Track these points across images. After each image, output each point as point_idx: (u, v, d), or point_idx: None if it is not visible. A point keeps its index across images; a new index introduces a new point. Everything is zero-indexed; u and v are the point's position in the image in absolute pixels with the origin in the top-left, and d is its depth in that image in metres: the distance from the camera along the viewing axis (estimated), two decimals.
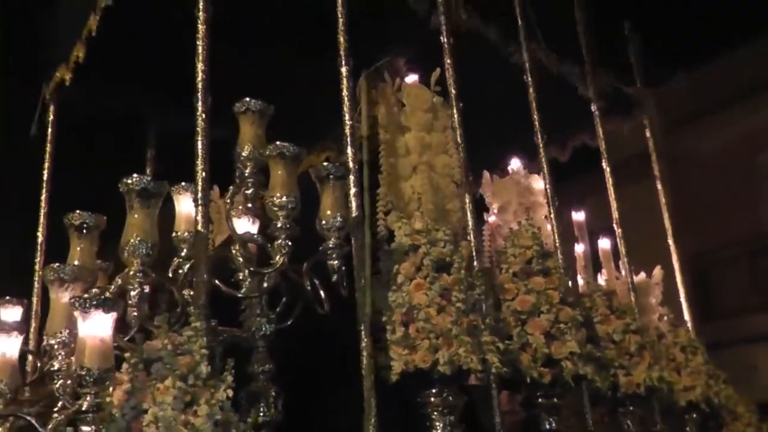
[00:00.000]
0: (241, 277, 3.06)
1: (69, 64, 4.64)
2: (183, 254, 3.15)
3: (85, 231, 2.83)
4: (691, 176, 5.77)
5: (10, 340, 2.62)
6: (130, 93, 5.17)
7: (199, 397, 2.24)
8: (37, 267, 4.76)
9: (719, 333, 5.58)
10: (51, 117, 4.98)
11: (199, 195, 2.72)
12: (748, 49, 10.62)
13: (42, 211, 4.85)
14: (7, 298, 4.10)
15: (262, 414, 2.81)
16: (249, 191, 2.96)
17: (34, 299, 4.65)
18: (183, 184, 3.25)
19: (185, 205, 3.24)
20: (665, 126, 5.85)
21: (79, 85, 4.95)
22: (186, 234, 3.18)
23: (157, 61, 4.86)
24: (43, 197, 4.88)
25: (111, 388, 2.23)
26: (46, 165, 4.93)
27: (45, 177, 4.90)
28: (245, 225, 3.18)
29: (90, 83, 5.00)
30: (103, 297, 2.17)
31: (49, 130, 4.97)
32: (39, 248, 4.80)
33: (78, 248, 2.83)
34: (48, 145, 4.94)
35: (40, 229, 4.82)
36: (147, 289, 2.71)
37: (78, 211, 2.84)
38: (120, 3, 3.99)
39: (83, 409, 2.10)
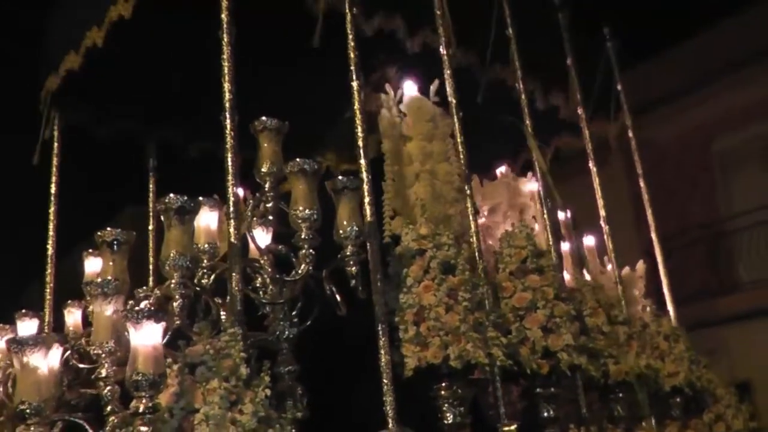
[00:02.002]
0: (258, 284, 3.28)
1: (59, 73, 4.77)
2: (204, 265, 3.34)
3: (116, 247, 3.02)
4: (648, 165, 6.08)
5: (53, 351, 2.80)
6: (132, 109, 5.38)
7: (243, 397, 2.46)
8: (48, 278, 4.93)
9: (681, 317, 5.89)
10: (56, 133, 5.14)
11: (231, 209, 2.92)
12: (697, 41, 11.09)
13: (51, 224, 5.02)
14: (24, 311, 4.32)
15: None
16: (269, 204, 3.16)
17: (46, 310, 4.83)
18: (201, 199, 3.44)
19: (204, 218, 3.42)
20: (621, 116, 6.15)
21: (81, 100, 5.14)
22: (206, 246, 3.37)
23: (158, 77, 5.07)
24: (51, 210, 5.05)
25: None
26: (53, 179, 5.10)
27: (53, 191, 5.07)
28: (261, 235, 3.40)
29: (91, 98, 5.19)
30: (153, 309, 2.38)
31: (55, 145, 5.14)
32: (49, 260, 4.97)
33: (110, 263, 3.02)
34: (54, 159, 5.11)
35: (50, 242, 5.00)
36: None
37: (109, 228, 3.03)
38: (129, 20, 4.14)
39: (140, 411, 2.31)
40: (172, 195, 2.76)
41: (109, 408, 2.56)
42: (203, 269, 3.31)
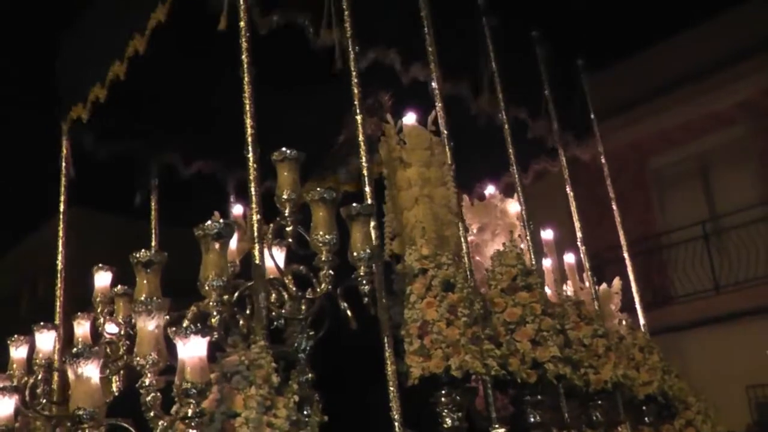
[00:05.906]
0: (273, 300, 3.57)
1: (86, 104, 5.03)
2: None
3: (150, 267, 3.29)
4: (585, 180, 6.43)
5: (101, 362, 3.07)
6: (137, 132, 5.64)
7: (276, 402, 2.76)
8: (58, 293, 5.17)
9: None
10: (65, 152, 5.39)
11: (255, 234, 3.22)
12: (633, 62, 11.62)
13: (60, 241, 5.26)
14: (42, 323, 4.57)
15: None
16: (289, 228, 3.46)
17: (56, 322, 5.06)
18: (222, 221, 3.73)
19: None
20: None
21: (94, 124, 5.38)
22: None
23: (164, 104, 5.36)
24: (60, 228, 5.29)
25: None
26: (62, 198, 5.35)
27: (62, 209, 5.32)
28: (277, 255, 3.71)
29: (99, 124, 5.44)
30: (199, 325, 2.68)
31: (63, 164, 5.38)
32: (59, 275, 5.21)
33: (144, 281, 3.28)
34: (63, 178, 5.36)
35: (60, 258, 5.23)
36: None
37: (144, 250, 3.29)
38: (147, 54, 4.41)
39: (189, 415, 2.60)
40: (209, 222, 3.04)
41: (152, 413, 2.83)
42: None
